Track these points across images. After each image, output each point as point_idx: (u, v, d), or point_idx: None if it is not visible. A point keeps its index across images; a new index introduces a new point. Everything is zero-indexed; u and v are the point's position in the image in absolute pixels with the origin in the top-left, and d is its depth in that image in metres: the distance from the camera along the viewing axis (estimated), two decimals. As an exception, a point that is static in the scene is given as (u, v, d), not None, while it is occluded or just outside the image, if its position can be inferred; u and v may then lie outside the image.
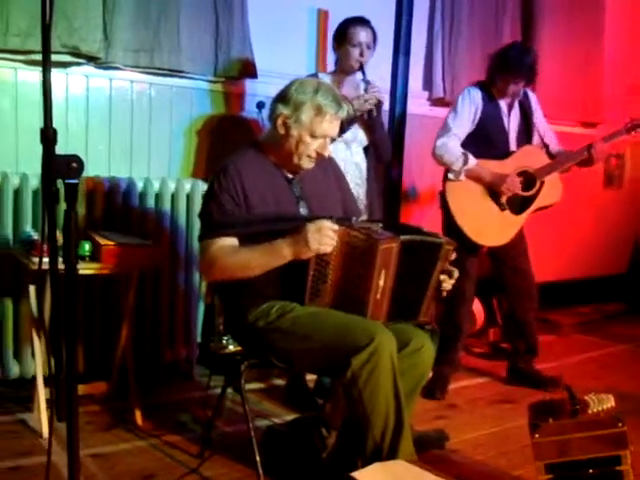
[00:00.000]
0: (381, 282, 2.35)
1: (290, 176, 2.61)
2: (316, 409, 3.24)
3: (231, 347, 2.90)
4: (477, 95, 3.65)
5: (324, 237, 2.27)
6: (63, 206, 1.59)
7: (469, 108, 3.63)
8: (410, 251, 2.39)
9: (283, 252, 2.34)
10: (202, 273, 2.50)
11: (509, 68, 3.55)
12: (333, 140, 2.63)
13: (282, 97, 2.54)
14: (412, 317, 2.50)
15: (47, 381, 3.02)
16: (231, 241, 2.45)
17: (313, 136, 2.48)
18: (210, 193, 2.52)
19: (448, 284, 2.51)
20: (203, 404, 3.26)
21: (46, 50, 1.49)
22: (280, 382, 3.66)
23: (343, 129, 3.03)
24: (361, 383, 2.22)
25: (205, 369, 3.71)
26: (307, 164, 2.55)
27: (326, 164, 2.72)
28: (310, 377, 3.43)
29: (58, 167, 1.51)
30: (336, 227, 2.30)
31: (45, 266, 2.72)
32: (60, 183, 1.57)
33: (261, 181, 2.52)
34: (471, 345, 4.49)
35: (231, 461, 2.77)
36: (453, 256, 2.52)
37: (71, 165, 1.52)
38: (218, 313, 3.00)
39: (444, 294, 2.54)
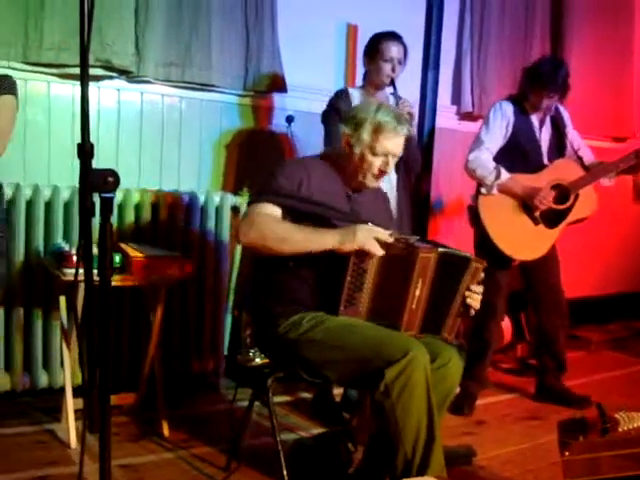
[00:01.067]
0: (417, 291, 2.36)
1: (351, 193, 2.66)
2: (342, 423, 3.23)
3: (258, 360, 2.91)
4: (509, 109, 3.64)
5: (372, 238, 2.31)
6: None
7: (500, 122, 3.61)
8: (444, 264, 2.40)
9: (326, 237, 2.35)
10: (239, 234, 2.48)
11: (543, 83, 3.53)
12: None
13: (346, 117, 2.63)
14: (436, 332, 2.49)
15: (76, 391, 3.04)
16: (278, 211, 2.47)
17: (374, 153, 2.53)
18: (278, 168, 2.58)
19: (474, 301, 2.50)
20: (229, 416, 3.26)
21: (84, 66, 1.50)
22: (307, 395, 3.65)
23: None
24: (394, 396, 2.22)
25: (232, 381, 3.73)
26: (372, 182, 2.60)
27: (381, 198, 2.83)
28: (337, 391, 3.43)
29: (94, 181, 1.52)
30: (390, 239, 2.33)
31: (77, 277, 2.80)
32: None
33: (324, 186, 2.57)
34: (499, 361, 4.46)
35: (258, 474, 2.77)
36: (481, 276, 2.51)
37: (107, 179, 1.54)
38: (245, 326, 3.01)
39: (472, 312, 2.52)
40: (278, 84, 3.89)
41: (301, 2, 4.03)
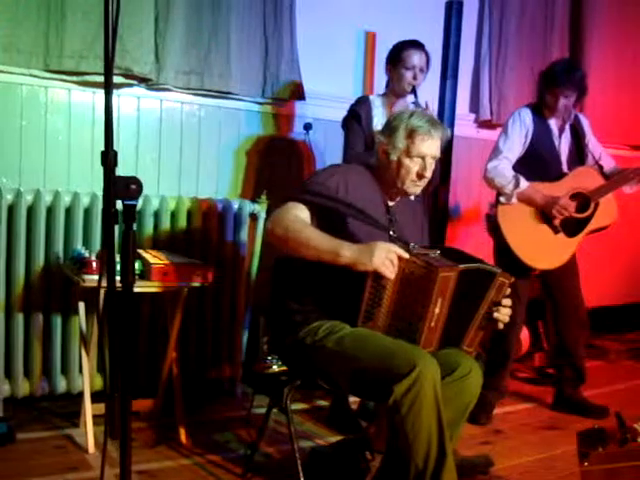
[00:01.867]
0: (437, 310, 2.33)
1: (390, 204, 2.67)
2: (359, 431, 3.23)
3: (275, 367, 2.92)
4: (527, 117, 3.63)
5: (387, 261, 2.27)
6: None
7: (519, 131, 3.60)
8: (466, 279, 2.36)
9: (343, 251, 2.32)
10: (267, 226, 2.51)
11: (557, 81, 3.51)
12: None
13: (383, 127, 2.65)
14: (455, 344, 2.48)
15: (94, 397, 3.05)
16: (307, 215, 2.49)
17: (410, 157, 2.53)
18: (319, 172, 2.63)
19: (502, 315, 2.48)
20: (246, 423, 3.27)
21: (109, 74, 1.51)
22: (324, 403, 3.65)
23: None
24: (403, 411, 2.19)
25: (249, 388, 3.73)
26: (412, 188, 2.60)
27: (417, 209, 2.84)
28: (354, 399, 3.42)
29: (118, 188, 1.53)
30: (405, 255, 2.30)
31: (97, 283, 2.81)
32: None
33: (364, 194, 2.58)
34: (516, 370, 4.43)
35: (274, 482, 2.77)
36: (508, 291, 2.49)
37: (130, 186, 1.55)
38: (262, 333, 3.02)
39: (500, 326, 2.50)
40: (297, 92, 3.90)
41: (320, 10, 4.05)
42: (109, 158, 1.50)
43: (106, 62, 1.49)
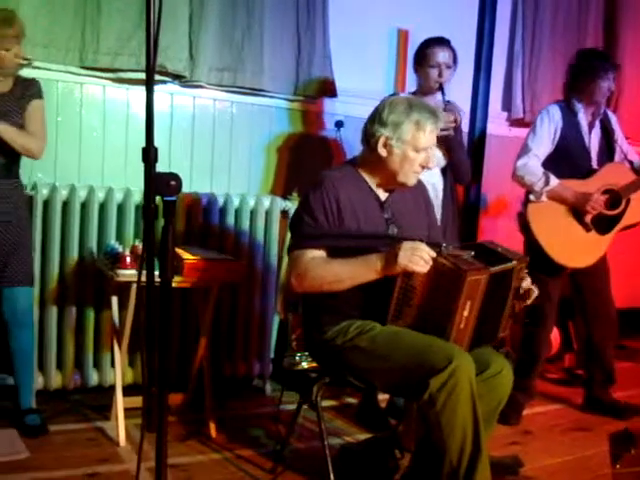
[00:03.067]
0: (466, 313, 2.31)
1: (383, 199, 2.63)
2: (387, 429, 3.22)
3: (304, 364, 2.92)
4: (556, 114, 3.59)
5: (415, 257, 2.27)
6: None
7: (548, 128, 3.56)
8: (493, 281, 2.35)
9: (375, 266, 2.34)
10: (292, 284, 2.50)
11: (595, 68, 3.49)
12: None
13: (377, 120, 2.55)
14: (491, 340, 2.48)
15: (125, 390, 3.09)
16: (321, 253, 2.47)
17: (416, 150, 2.51)
18: (304, 204, 2.55)
19: (531, 294, 2.50)
20: (275, 419, 3.28)
21: (150, 71, 1.52)
22: (352, 400, 3.65)
23: None
24: (439, 405, 2.20)
25: (277, 384, 3.75)
26: (412, 180, 2.58)
27: (417, 190, 2.75)
28: (382, 397, 3.42)
29: (158, 184, 1.55)
30: (433, 253, 2.29)
31: (130, 278, 2.85)
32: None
33: (355, 198, 2.54)
34: (546, 370, 4.39)
35: (303, 478, 2.77)
36: (525, 270, 2.50)
37: (170, 183, 1.56)
38: (292, 329, 3.03)
39: (528, 302, 2.51)
40: (328, 89, 3.91)
41: (352, 7, 4.04)
42: (150, 154, 1.51)
43: (148, 60, 1.50)
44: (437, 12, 4.14)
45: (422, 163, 2.54)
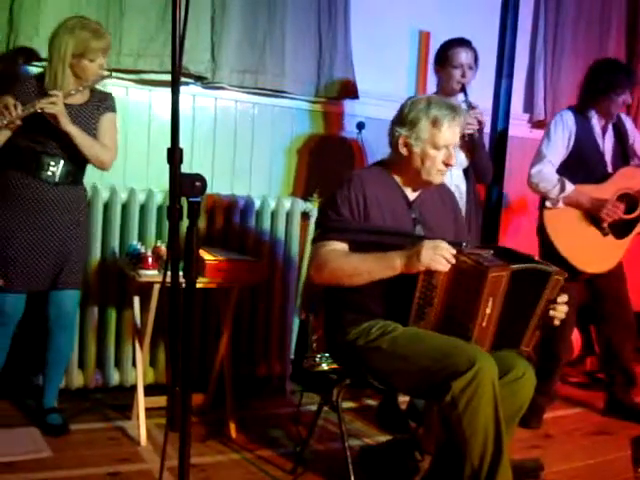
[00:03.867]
0: (488, 310, 2.31)
1: (411, 199, 2.64)
2: (407, 431, 3.22)
3: (324, 365, 2.92)
4: (570, 119, 3.57)
5: (438, 255, 2.28)
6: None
7: (562, 133, 3.55)
8: (519, 279, 2.34)
9: (395, 262, 2.35)
10: (311, 275, 2.52)
11: (615, 84, 3.47)
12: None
13: (397, 120, 2.59)
14: (514, 346, 2.46)
15: (146, 390, 3.11)
16: (343, 246, 2.48)
17: (436, 148, 2.52)
18: (330, 199, 2.57)
19: (558, 313, 2.46)
20: (295, 420, 3.28)
21: (176, 73, 1.53)
22: (372, 402, 3.64)
23: None
24: (461, 408, 2.19)
25: (297, 385, 3.75)
26: (437, 178, 2.58)
27: (445, 195, 2.78)
28: (402, 399, 3.41)
29: (183, 185, 1.56)
30: (453, 250, 2.30)
31: (152, 278, 2.86)
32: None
33: (383, 197, 2.56)
34: (567, 374, 4.37)
35: (323, 479, 2.77)
36: (562, 284, 2.46)
37: (195, 184, 1.57)
38: (312, 330, 3.03)
39: (556, 322, 2.48)
40: (350, 90, 3.91)
41: (374, 9, 4.04)
42: (176, 155, 1.52)
43: (173, 63, 1.51)
44: (459, 13, 4.13)
45: (444, 160, 2.54)
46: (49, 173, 2.86)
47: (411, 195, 2.65)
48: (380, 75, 4.04)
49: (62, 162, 2.88)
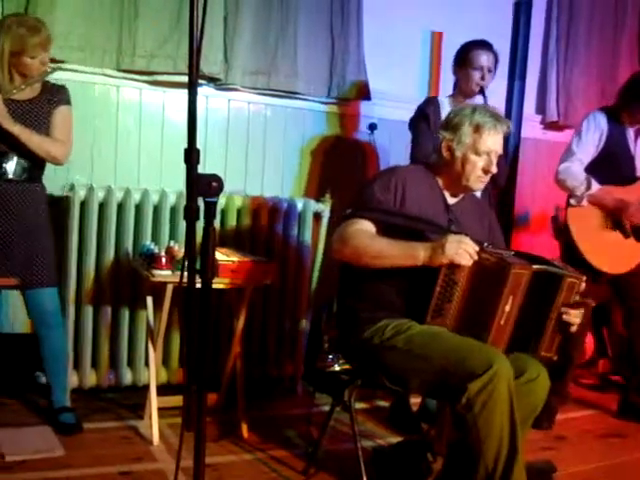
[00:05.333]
0: (507, 307, 2.31)
1: (451, 202, 2.66)
2: (419, 432, 3.22)
3: (336, 366, 2.92)
4: (602, 120, 3.58)
5: (462, 249, 2.29)
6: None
7: (594, 133, 3.56)
8: (538, 281, 2.34)
9: (418, 252, 2.35)
10: (333, 248, 2.53)
11: None
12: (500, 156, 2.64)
13: (443, 124, 2.63)
14: (532, 350, 2.44)
15: (159, 390, 3.11)
16: (371, 227, 2.49)
17: (477, 154, 2.53)
18: (369, 183, 2.61)
19: (572, 317, 2.43)
20: (307, 420, 3.28)
21: (192, 74, 1.54)
22: (384, 403, 3.64)
23: None
24: (476, 409, 2.19)
25: (309, 385, 3.75)
26: (477, 184, 2.60)
27: (484, 210, 2.82)
28: (414, 400, 3.41)
29: (200, 186, 1.56)
30: (477, 247, 2.31)
31: (165, 278, 2.86)
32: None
33: (422, 195, 2.58)
34: (580, 376, 4.35)
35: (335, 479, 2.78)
36: (582, 287, 2.45)
37: (212, 184, 1.58)
38: (324, 331, 3.03)
39: (573, 329, 2.47)
40: (362, 92, 3.91)
41: (386, 10, 4.04)
42: (192, 155, 1.53)
43: (190, 64, 1.51)
44: (472, 14, 4.12)
45: (484, 167, 2.55)
46: (2, 170, 2.85)
47: (450, 200, 2.67)
48: (392, 76, 4.04)
49: (15, 159, 2.86)
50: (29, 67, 2.83)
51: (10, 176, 2.86)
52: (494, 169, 2.58)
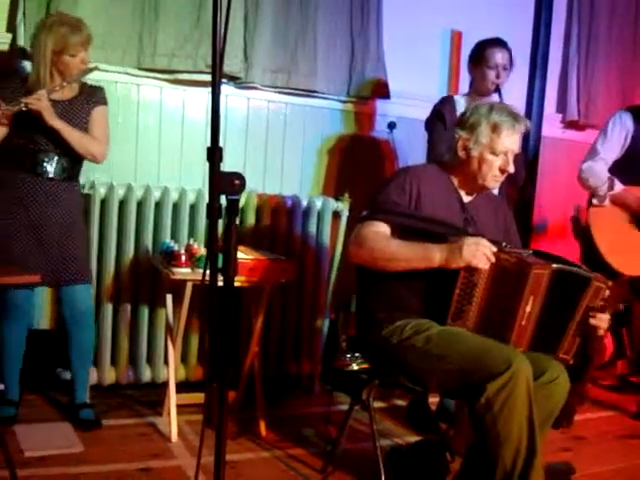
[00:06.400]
0: (528, 308, 2.30)
1: (466, 201, 2.65)
2: (437, 432, 3.21)
3: (354, 365, 2.92)
4: (628, 120, 3.56)
5: (479, 252, 2.28)
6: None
7: (619, 133, 3.54)
8: (559, 281, 2.33)
9: (434, 255, 2.34)
10: (349, 250, 2.54)
11: None
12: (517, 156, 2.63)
13: (459, 123, 2.61)
14: (551, 351, 2.43)
15: (178, 387, 3.13)
16: (387, 229, 2.49)
17: (494, 153, 2.52)
18: (384, 184, 2.59)
19: (600, 322, 2.42)
20: (325, 419, 3.28)
21: (216, 73, 1.54)
22: (401, 402, 3.64)
23: None
24: (495, 409, 2.18)
25: (327, 385, 3.75)
26: (493, 183, 2.60)
27: (499, 208, 2.79)
28: (433, 399, 3.41)
29: (222, 183, 1.57)
30: (494, 249, 2.30)
31: (185, 276, 2.87)
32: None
33: (437, 195, 2.57)
34: (599, 377, 4.33)
35: (353, 478, 2.77)
36: (606, 293, 2.43)
37: (234, 182, 1.59)
38: (342, 330, 3.03)
39: (600, 332, 2.45)
40: (382, 90, 3.91)
41: (406, 9, 4.03)
42: (216, 153, 1.54)
43: (214, 63, 1.52)
44: (492, 13, 4.11)
45: (501, 167, 2.54)
46: (43, 169, 2.90)
47: (465, 198, 2.66)
48: (412, 75, 4.03)
49: (56, 158, 2.91)
50: (70, 66, 2.88)
51: (51, 175, 2.91)
52: (511, 168, 2.56)
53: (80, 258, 3.01)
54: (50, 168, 2.91)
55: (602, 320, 2.43)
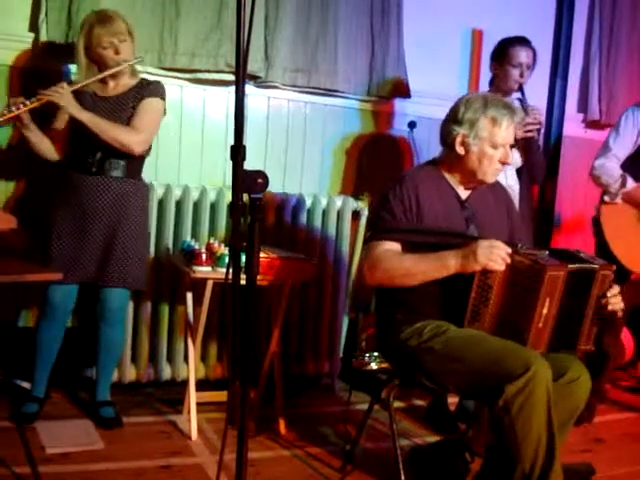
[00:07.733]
0: (545, 310, 2.29)
1: (464, 197, 2.63)
2: (456, 432, 3.20)
3: (373, 365, 2.92)
4: (640, 116, 3.53)
5: (494, 254, 2.28)
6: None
7: (632, 129, 3.51)
8: (572, 280, 2.32)
9: (449, 262, 2.34)
10: (364, 274, 2.53)
11: None
12: (512, 146, 2.62)
13: (454, 119, 2.57)
14: (572, 346, 2.42)
15: (198, 385, 3.13)
16: (396, 246, 2.48)
17: (494, 147, 2.51)
18: (383, 200, 2.57)
19: (616, 305, 2.42)
20: (344, 418, 3.28)
21: (240, 72, 1.55)
22: (420, 402, 3.63)
23: None
24: (514, 412, 2.17)
25: (346, 384, 3.75)
26: (492, 177, 2.58)
27: (498, 192, 2.76)
28: (452, 400, 3.40)
29: (245, 182, 1.58)
30: (509, 250, 2.29)
31: (205, 274, 2.88)
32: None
33: (435, 197, 2.56)
34: (619, 378, 4.30)
35: (373, 478, 2.77)
36: (612, 277, 2.42)
37: (257, 180, 1.59)
38: (361, 329, 3.03)
39: (620, 314, 2.45)
40: (402, 90, 3.90)
41: (426, 7, 4.02)
42: (239, 152, 1.54)
43: (237, 63, 1.54)
44: (513, 12, 4.08)
45: (501, 159, 2.54)
46: (87, 165, 2.91)
47: (463, 194, 2.64)
48: (432, 74, 4.01)
49: (99, 153, 2.91)
50: (104, 58, 2.90)
51: (94, 169, 2.92)
52: (511, 160, 2.58)
53: (129, 261, 2.97)
54: (94, 162, 2.91)
55: (616, 303, 2.42)
